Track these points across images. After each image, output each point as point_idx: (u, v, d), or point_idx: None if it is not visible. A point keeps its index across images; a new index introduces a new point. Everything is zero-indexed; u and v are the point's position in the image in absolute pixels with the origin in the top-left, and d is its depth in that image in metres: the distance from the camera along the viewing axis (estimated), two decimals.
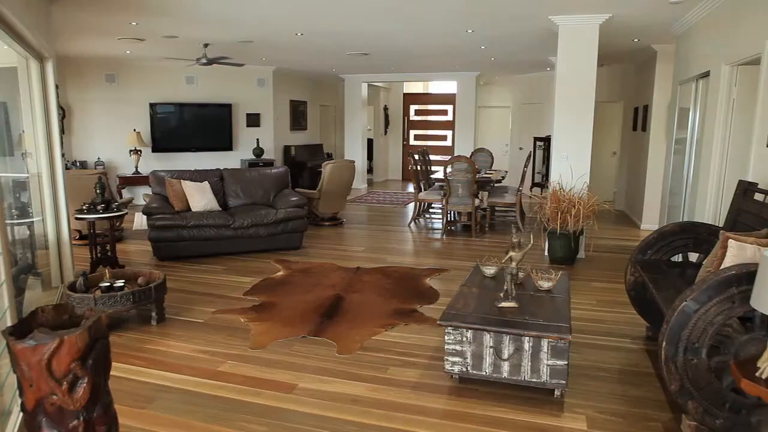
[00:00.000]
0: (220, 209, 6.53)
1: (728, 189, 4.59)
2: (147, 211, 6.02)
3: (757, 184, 3.66)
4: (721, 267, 2.80)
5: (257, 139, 10.80)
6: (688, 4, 5.28)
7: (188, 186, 6.41)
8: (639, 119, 8.69)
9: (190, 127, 10.31)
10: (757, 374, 2.25)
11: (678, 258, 4.05)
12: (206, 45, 7.65)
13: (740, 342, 2.57)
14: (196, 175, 6.71)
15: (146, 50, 8.29)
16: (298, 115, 12.23)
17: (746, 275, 2.45)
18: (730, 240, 2.91)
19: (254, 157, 10.69)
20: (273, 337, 3.93)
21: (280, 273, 5.61)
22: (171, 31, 6.80)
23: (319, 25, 6.54)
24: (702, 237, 3.86)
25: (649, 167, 7.86)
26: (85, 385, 1.69)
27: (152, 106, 9.92)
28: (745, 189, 3.65)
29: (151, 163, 9.81)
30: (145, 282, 4.16)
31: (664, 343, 2.61)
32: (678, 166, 6.20)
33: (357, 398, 3.07)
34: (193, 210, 6.29)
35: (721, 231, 3.17)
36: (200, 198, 6.38)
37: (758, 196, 3.51)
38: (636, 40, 7.23)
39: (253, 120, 10.93)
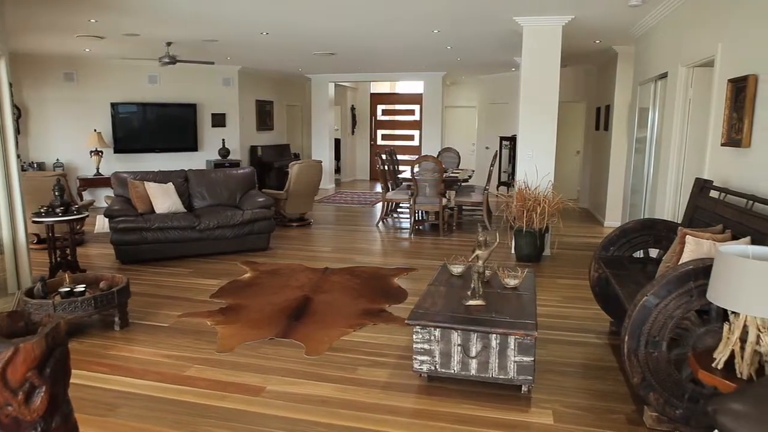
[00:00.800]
0: (185, 211, 6.41)
1: (686, 187, 4.74)
2: (109, 214, 5.87)
3: (713, 181, 3.78)
4: (680, 262, 2.89)
5: (223, 140, 10.64)
6: (646, 8, 5.42)
7: (152, 187, 6.27)
8: (601, 119, 8.89)
9: (154, 128, 10.08)
10: (713, 365, 2.33)
11: (639, 254, 4.16)
12: (169, 43, 7.51)
13: (698, 334, 2.65)
14: (160, 177, 6.57)
15: (106, 48, 8.08)
16: (264, 115, 12.10)
17: (703, 270, 2.53)
18: (687, 236, 3.00)
19: (220, 158, 10.53)
20: (240, 339, 3.88)
21: (247, 275, 5.55)
22: (132, 29, 6.64)
23: (284, 25, 6.49)
24: (661, 233, 3.97)
25: (612, 166, 8.05)
26: (42, 394, 1.64)
27: (113, 105, 9.67)
28: (701, 186, 3.77)
29: (113, 164, 9.57)
30: (108, 286, 4.05)
31: (626, 338, 2.68)
32: (639, 164, 6.36)
33: (326, 399, 3.06)
34: (157, 212, 6.16)
35: (679, 227, 3.27)
36: (164, 200, 6.25)
37: (713, 194, 3.63)
38: (597, 41, 7.39)
39: (219, 120, 10.76)
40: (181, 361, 3.55)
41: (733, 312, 2.28)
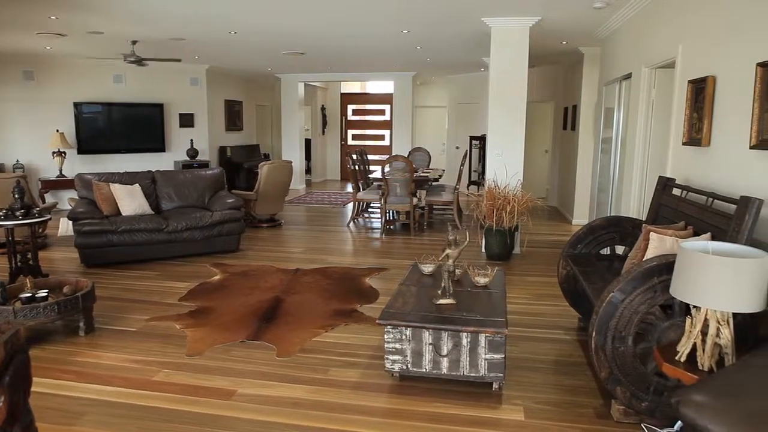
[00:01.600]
0: (153, 213, 6.29)
1: (650, 185, 4.85)
2: (73, 216, 5.72)
3: (675, 179, 3.88)
4: (644, 259, 2.96)
5: (191, 140, 10.48)
6: (610, 10, 5.54)
7: (117, 189, 6.14)
8: (569, 119, 9.04)
9: (119, 128, 9.87)
10: (676, 358, 2.39)
11: (606, 251, 4.24)
12: (134, 42, 7.35)
13: (662, 328, 2.72)
14: (126, 178, 6.44)
15: (69, 46, 7.87)
16: (233, 115, 11.96)
17: (666, 266, 2.60)
18: (651, 233, 3.07)
19: (188, 159, 10.36)
20: (210, 343, 3.82)
21: (217, 277, 5.47)
22: (95, 27, 6.48)
23: (253, 24, 6.42)
24: (627, 230, 4.06)
25: (579, 165, 8.20)
26: (0, 404, 1.58)
27: (77, 105, 9.43)
28: (665, 184, 3.87)
29: (77, 165, 9.34)
30: (72, 291, 3.95)
31: (593, 333, 2.73)
32: (605, 163, 6.49)
33: (297, 401, 3.04)
34: (124, 214, 6.03)
35: (644, 224, 3.35)
36: (131, 201, 6.12)
37: (676, 191, 3.73)
38: (564, 42, 7.52)
39: (187, 120, 10.59)
40: (149, 366, 3.48)
41: (694, 306, 2.34)
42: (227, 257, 6.29)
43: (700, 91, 3.60)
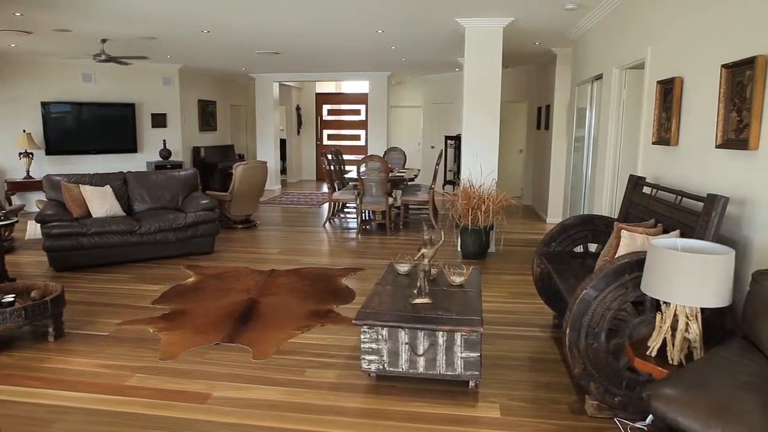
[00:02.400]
0: (125, 214, 6.17)
1: (621, 183, 4.94)
2: (41, 219, 5.58)
3: (645, 178, 3.95)
4: (616, 256, 3.01)
5: (164, 141, 10.32)
6: (581, 12, 5.62)
7: (88, 191, 6.01)
8: (542, 118, 9.15)
9: (89, 128, 9.66)
10: (647, 353, 2.44)
11: (580, 249, 4.30)
12: (104, 41, 7.20)
13: (633, 324, 2.77)
14: (97, 179, 6.31)
15: (35, 44, 7.68)
16: (207, 116, 11.82)
17: (637, 263, 2.65)
18: (622, 230, 3.13)
19: (161, 159, 10.21)
20: (184, 346, 3.77)
21: (191, 279, 5.40)
22: (62, 25, 6.34)
23: (226, 23, 6.35)
24: (600, 228, 4.12)
25: (552, 164, 8.30)
26: None
27: (45, 105, 9.21)
28: (635, 183, 3.94)
29: (46, 166, 9.14)
30: (40, 295, 3.85)
31: (567, 330, 2.77)
32: (578, 162, 6.59)
33: (274, 403, 3.01)
34: (94, 216, 5.91)
35: (616, 222, 3.41)
36: (102, 203, 6.00)
37: (646, 189, 3.80)
38: (537, 43, 7.60)
39: (159, 120, 10.43)
40: (122, 370, 3.41)
41: (664, 302, 2.39)
42: (202, 259, 6.21)
43: (669, 92, 3.68)
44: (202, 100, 11.55)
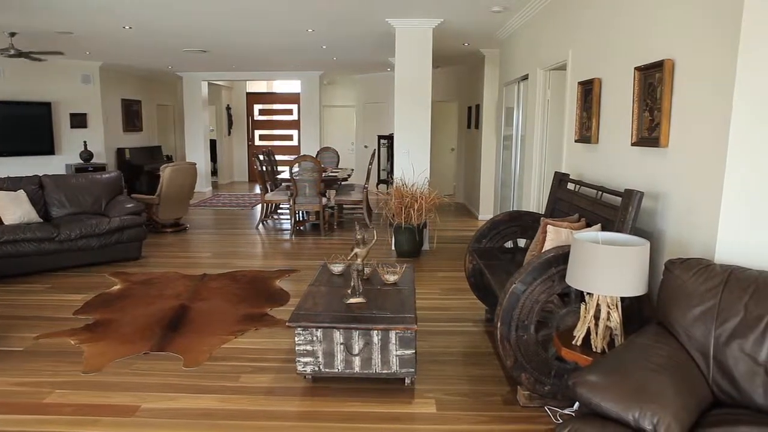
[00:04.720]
0: (41, 221, 5.81)
1: (548, 180, 5.13)
2: None
3: (569, 174, 4.13)
4: (543, 250, 3.12)
5: (84, 142, 9.79)
6: (507, 14, 5.79)
7: None
8: (472, 118, 9.37)
9: (0, 129, 9.02)
10: (573, 342, 2.54)
11: (510, 244, 4.43)
12: (12, 34, 6.75)
13: (560, 316, 2.88)
14: (9, 183, 5.90)
15: None
16: (131, 115, 11.32)
17: (562, 256, 2.75)
18: (548, 226, 3.25)
19: (82, 162, 9.68)
20: (110, 357, 3.59)
21: (117, 287, 5.16)
22: None
23: (148, 20, 6.10)
24: (528, 224, 4.26)
25: (483, 162, 8.52)
26: None
27: None
28: (560, 179, 4.10)
29: None
30: None
31: (499, 324, 2.84)
32: (507, 160, 6.79)
33: (207, 412, 2.92)
34: (6, 223, 5.52)
35: (542, 218, 3.54)
36: (14, 209, 5.62)
37: (570, 185, 3.97)
38: (466, 44, 7.77)
39: (79, 120, 9.88)
40: (39, 387, 3.21)
41: (587, 293, 2.50)
42: (128, 265, 5.94)
43: (589, 92, 3.85)
44: (126, 99, 11.05)
